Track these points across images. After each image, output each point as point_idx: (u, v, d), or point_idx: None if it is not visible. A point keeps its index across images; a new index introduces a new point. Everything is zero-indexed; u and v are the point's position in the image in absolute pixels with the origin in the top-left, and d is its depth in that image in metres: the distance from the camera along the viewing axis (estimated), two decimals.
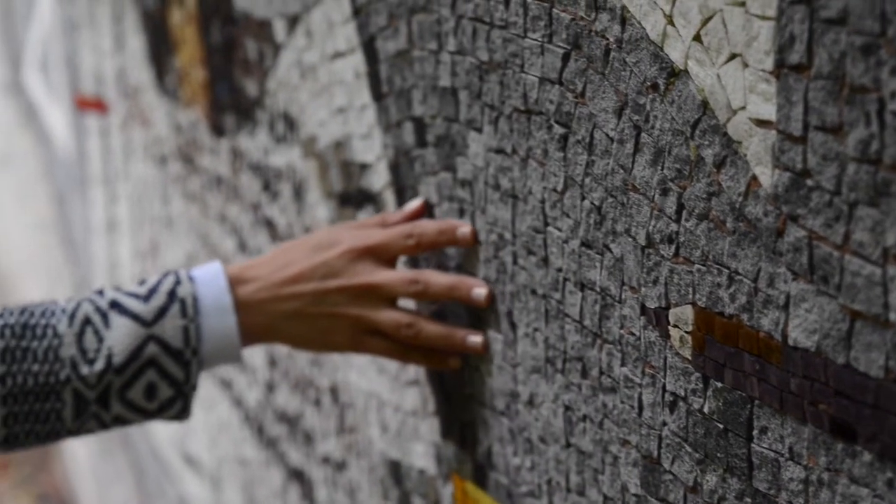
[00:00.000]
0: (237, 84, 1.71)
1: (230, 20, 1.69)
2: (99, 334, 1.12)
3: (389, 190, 1.29)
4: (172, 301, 1.14)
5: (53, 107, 3.09)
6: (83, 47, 2.61)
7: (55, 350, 1.12)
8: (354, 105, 1.34)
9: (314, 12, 1.42)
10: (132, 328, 1.12)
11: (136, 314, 1.13)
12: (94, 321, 1.13)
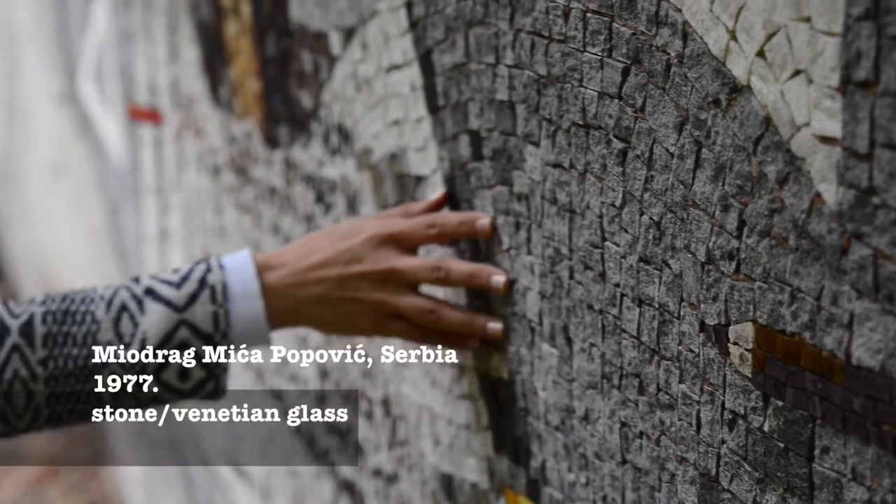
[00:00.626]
0: (292, 96, 1.71)
1: (286, 32, 1.70)
2: (134, 319, 1.19)
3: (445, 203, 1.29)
4: (203, 288, 1.20)
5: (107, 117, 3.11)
6: (138, 58, 2.62)
7: (94, 335, 1.18)
8: (410, 118, 1.34)
9: (370, 25, 1.42)
10: (165, 313, 1.18)
11: (169, 300, 1.19)
12: (129, 307, 1.19)
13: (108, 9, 2.88)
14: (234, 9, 1.92)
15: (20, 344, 1.17)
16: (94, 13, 3.07)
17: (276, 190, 1.84)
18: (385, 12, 1.37)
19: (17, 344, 1.17)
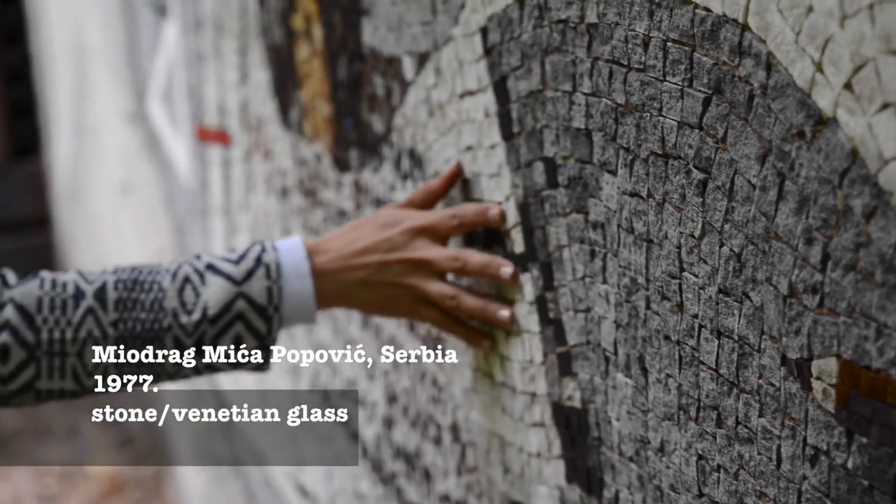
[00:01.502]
0: (363, 119, 1.72)
1: (358, 56, 1.70)
2: (196, 290, 1.30)
3: (517, 230, 1.28)
4: (259, 265, 1.32)
5: (176, 137, 3.14)
6: (208, 79, 2.64)
7: (160, 301, 1.30)
8: (483, 144, 1.34)
9: (444, 51, 1.42)
10: (225, 286, 1.30)
11: (228, 274, 1.31)
12: (192, 279, 1.31)
13: (179, 30, 2.90)
14: (305, 32, 1.93)
15: (94, 307, 1.29)
16: (165, 34, 3.09)
17: (345, 213, 1.84)
18: (459, 38, 1.37)
19: (92, 307, 1.29)
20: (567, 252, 1.18)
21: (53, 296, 1.29)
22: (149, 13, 3.31)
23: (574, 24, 1.12)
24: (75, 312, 1.28)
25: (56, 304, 1.28)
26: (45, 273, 1.31)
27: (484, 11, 1.30)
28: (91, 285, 1.30)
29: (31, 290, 1.29)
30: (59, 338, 1.28)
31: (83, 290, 1.29)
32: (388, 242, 1.34)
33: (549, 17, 1.17)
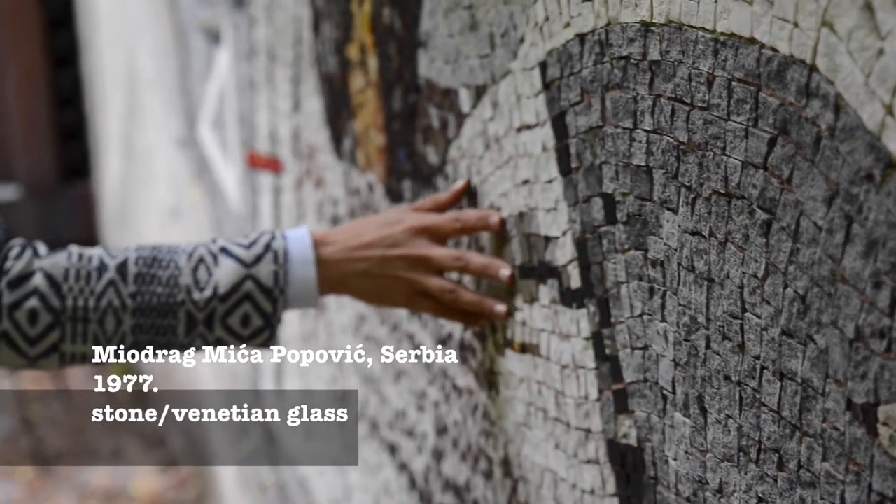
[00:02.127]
0: (418, 151, 1.72)
1: (413, 88, 1.71)
2: (209, 270, 1.42)
3: (574, 265, 1.28)
4: (268, 251, 1.43)
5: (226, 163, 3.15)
6: (260, 107, 2.66)
7: (175, 278, 1.41)
8: (540, 178, 1.34)
9: (502, 84, 1.42)
10: (235, 267, 1.42)
11: (239, 257, 1.43)
12: (206, 260, 1.42)
13: (232, 58, 2.92)
14: (360, 63, 1.93)
15: (115, 279, 1.41)
16: (218, 61, 3.11)
17: None
18: (518, 72, 1.37)
19: (113, 279, 1.41)
20: (625, 289, 1.18)
21: (79, 267, 1.41)
22: (201, 40, 3.33)
23: (636, 61, 1.12)
24: (98, 283, 1.41)
25: (81, 275, 1.40)
26: (73, 247, 1.43)
27: (543, 46, 1.30)
28: (114, 260, 1.42)
29: (59, 261, 1.41)
30: (83, 305, 1.40)
31: (106, 263, 1.42)
32: (390, 238, 1.46)
33: (611, 54, 1.16)
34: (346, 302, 2.16)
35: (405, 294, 1.47)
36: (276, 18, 2.46)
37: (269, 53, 2.56)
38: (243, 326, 1.43)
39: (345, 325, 2.18)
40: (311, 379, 2.48)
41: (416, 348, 1.80)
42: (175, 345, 1.44)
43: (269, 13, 2.51)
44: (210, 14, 3.13)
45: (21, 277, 1.39)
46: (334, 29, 2.06)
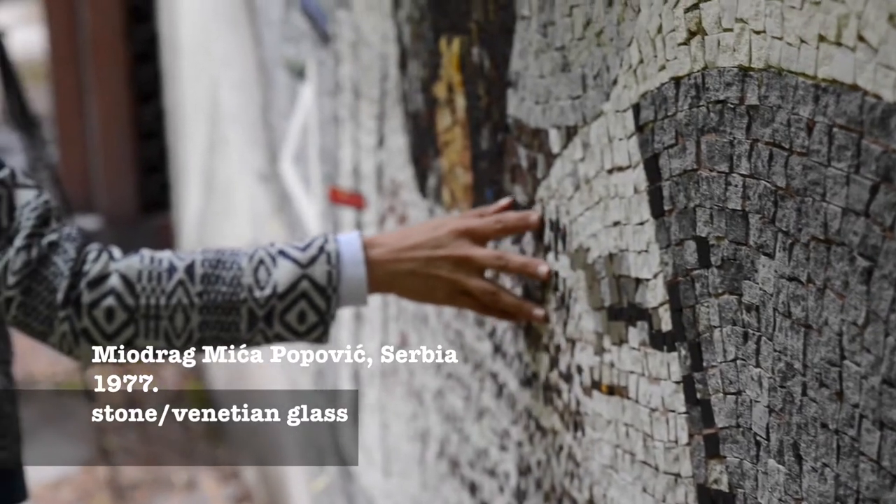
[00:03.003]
0: (505, 190, 1.72)
1: (502, 127, 1.71)
2: (269, 270, 1.54)
3: (665, 308, 1.27)
4: (322, 252, 1.55)
5: (308, 198, 3.17)
6: (344, 142, 2.67)
7: (238, 278, 1.54)
8: (632, 220, 1.34)
9: (593, 125, 1.42)
10: (292, 268, 1.54)
11: (296, 259, 1.55)
12: (265, 261, 1.55)
13: (316, 93, 2.95)
14: (448, 101, 1.95)
15: (184, 279, 1.53)
16: (302, 96, 3.14)
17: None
18: (610, 114, 1.37)
19: (182, 279, 1.53)
20: (718, 333, 1.17)
21: (151, 269, 1.53)
22: (285, 76, 3.36)
23: (733, 105, 1.12)
24: (168, 283, 1.53)
25: (153, 276, 1.52)
26: (145, 250, 1.56)
27: (637, 88, 1.30)
28: (182, 261, 1.54)
29: (133, 263, 1.53)
30: (155, 303, 1.52)
31: (176, 265, 1.54)
32: (434, 240, 1.57)
33: (707, 98, 1.16)
34: (429, 339, 2.17)
35: (448, 292, 1.59)
36: (361, 56, 2.48)
37: (354, 90, 2.58)
38: (300, 323, 1.55)
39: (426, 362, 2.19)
40: (388, 416, 2.48)
41: (500, 388, 1.80)
42: (238, 340, 1.55)
43: (354, 50, 2.53)
44: (295, 51, 3.16)
45: (99, 278, 1.51)
46: (421, 67, 2.08)
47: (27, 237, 1.51)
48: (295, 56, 3.18)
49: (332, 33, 2.71)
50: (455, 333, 2.00)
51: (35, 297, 1.51)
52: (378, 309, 2.53)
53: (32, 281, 1.51)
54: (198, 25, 5.05)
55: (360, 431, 2.73)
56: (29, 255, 1.51)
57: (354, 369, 2.78)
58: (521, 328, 1.69)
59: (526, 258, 1.57)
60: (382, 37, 2.30)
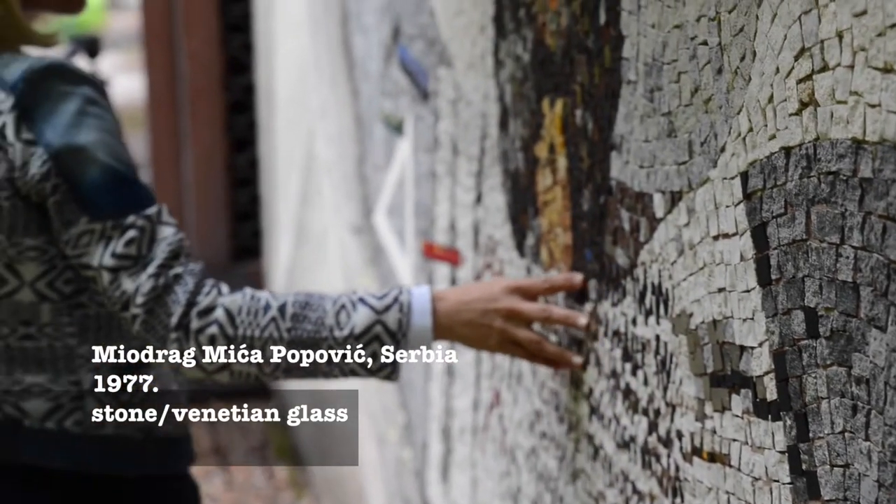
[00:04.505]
0: (606, 252, 1.73)
1: (604, 189, 1.72)
2: (349, 314, 1.76)
3: (770, 377, 1.27)
4: (395, 302, 1.78)
5: (402, 252, 3.20)
6: (441, 198, 2.70)
7: (322, 319, 1.75)
8: (737, 287, 1.34)
9: (699, 191, 1.42)
10: (369, 314, 1.76)
11: (372, 306, 1.77)
12: (346, 306, 1.77)
13: (413, 148, 2.97)
14: (549, 161, 1.96)
15: (276, 316, 1.75)
16: (399, 150, 3.17)
17: (580, 343, 1.85)
18: (717, 181, 1.38)
19: (275, 316, 1.75)
20: (825, 405, 1.17)
21: (250, 305, 1.75)
22: (382, 129, 3.40)
23: (846, 177, 1.12)
24: (263, 318, 1.74)
25: (251, 311, 1.74)
26: (248, 289, 1.77)
27: (745, 157, 1.31)
28: (277, 301, 1.76)
29: (236, 299, 1.75)
30: (250, 335, 1.74)
31: (271, 303, 1.75)
32: (490, 295, 1.80)
33: (818, 169, 1.16)
34: (522, 396, 2.17)
35: (499, 341, 1.81)
36: (461, 113, 2.50)
37: (453, 147, 2.60)
38: (373, 361, 1.76)
39: (520, 420, 2.19)
40: (479, 473, 2.49)
41: (595, 450, 1.79)
42: (318, 373, 1.77)
43: (454, 108, 2.56)
44: (393, 105, 3.20)
45: (207, 309, 1.74)
46: (523, 127, 2.09)
47: (158, 267, 1.74)
48: (393, 111, 3.22)
49: (432, 90, 2.73)
50: (550, 393, 2.01)
51: (155, 318, 1.74)
52: (471, 365, 2.54)
53: (155, 304, 1.74)
54: (295, 77, 5.12)
55: (450, 488, 2.73)
56: (156, 282, 1.74)
57: (444, 424, 2.79)
58: (619, 391, 1.70)
59: (568, 311, 1.83)
60: (483, 95, 2.33)
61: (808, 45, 1.17)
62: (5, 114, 1.73)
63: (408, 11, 2.96)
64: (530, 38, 2.03)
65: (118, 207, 1.74)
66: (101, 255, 1.74)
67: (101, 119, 1.76)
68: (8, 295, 1.81)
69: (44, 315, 1.82)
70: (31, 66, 1.74)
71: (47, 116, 1.73)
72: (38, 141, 1.72)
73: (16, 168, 1.73)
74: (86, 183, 1.73)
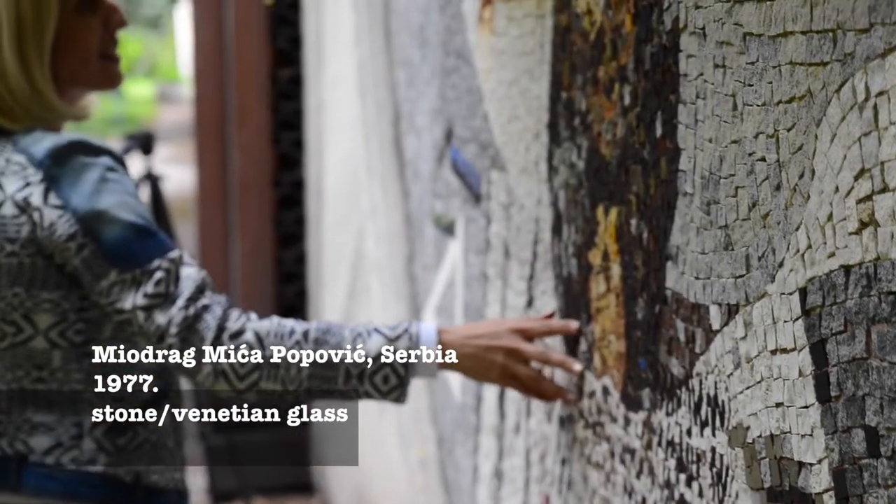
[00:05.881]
0: (660, 361, 1.73)
1: (659, 299, 1.73)
2: (364, 341, 1.98)
3: (830, 494, 1.27)
4: (405, 333, 2.00)
5: None
6: (491, 301, 2.71)
7: (339, 344, 1.98)
8: (795, 403, 1.34)
9: (756, 305, 1.43)
10: (381, 341, 1.99)
11: (385, 335, 2.00)
12: (362, 335, 1.99)
13: (464, 250, 2.99)
14: (603, 269, 1.97)
15: (301, 341, 1.97)
16: (449, 251, 3.19)
17: (633, 451, 1.85)
18: (775, 295, 1.38)
19: (299, 340, 1.97)
20: None
21: (277, 329, 1.97)
22: (432, 230, 3.42)
23: None
24: (289, 341, 1.96)
25: (278, 335, 1.96)
26: (275, 316, 2.00)
27: (804, 273, 1.32)
28: (301, 327, 1.98)
29: (265, 324, 1.97)
30: (277, 356, 1.95)
31: (295, 329, 1.97)
32: (493, 334, 2.04)
33: (879, 288, 1.17)
34: (573, 502, 2.16)
35: (500, 374, 2.05)
36: (514, 217, 2.52)
37: (505, 250, 2.62)
38: (384, 384, 1.97)
39: None
40: None
41: None
42: (335, 392, 1.98)
43: (507, 211, 2.58)
44: (444, 207, 3.22)
45: (238, 332, 1.95)
46: (576, 233, 2.11)
47: (187, 300, 1.95)
48: (444, 212, 3.24)
49: (484, 193, 2.76)
50: (602, 500, 2.00)
51: (188, 344, 1.94)
52: (520, 469, 2.53)
53: (188, 333, 1.94)
54: (345, 175, 5.17)
55: None
56: (187, 313, 1.94)
57: None
58: (673, 501, 1.69)
59: (564, 357, 2.08)
60: (537, 200, 2.35)
61: (867, 166, 1.19)
62: (33, 185, 1.95)
63: (461, 114, 2.99)
64: (585, 146, 2.05)
65: (144, 257, 1.96)
66: (133, 298, 1.95)
67: (120, 183, 1.98)
68: (24, 342, 2.01)
69: (55, 361, 2.01)
70: (55, 143, 1.97)
71: (73, 185, 1.95)
72: (66, 206, 1.94)
73: (42, 229, 1.95)
74: (112, 240, 1.95)
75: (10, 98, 1.99)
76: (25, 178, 1.96)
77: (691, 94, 1.61)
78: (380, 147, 4.26)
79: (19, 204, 1.95)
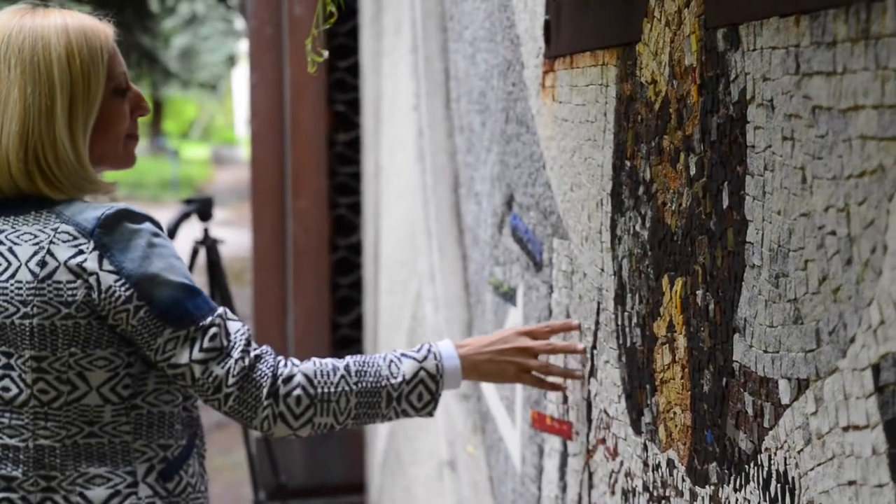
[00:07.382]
0: (728, 435, 1.71)
1: (726, 371, 1.71)
2: (398, 366, 2.24)
3: None
4: (430, 353, 2.28)
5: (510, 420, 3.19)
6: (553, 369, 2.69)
7: (378, 371, 2.22)
8: (869, 481, 1.32)
9: (827, 380, 1.41)
10: (413, 363, 2.26)
11: (414, 358, 2.27)
12: (395, 361, 2.25)
13: (525, 317, 2.98)
14: (669, 340, 1.95)
15: (344, 374, 2.20)
16: (510, 319, 3.17)
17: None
18: (847, 371, 1.37)
19: (343, 374, 2.19)
20: None
21: (322, 368, 2.18)
22: (492, 296, 3.41)
23: None
24: (334, 377, 2.18)
25: (324, 373, 2.18)
26: (315, 358, 2.22)
27: (877, 349, 1.30)
28: (342, 363, 2.21)
29: (309, 365, 2.18)
30: (327, 391, 2.17)
31: (337, 365, 2.20)
32: (503, 339, 2.37)
33: None
34: None
35: (515, 372, 2.36)
36: (576, 285, 2.51)
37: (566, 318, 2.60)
38: (419, 401, 2.25)
39: None
40: None
41: None
42: (379, 415, 2.23)
43: (569, 279, 2.57)
44: (504, 273, 3.22)
45: (289, 377, 2.16)
46: (640, 303, 2.10)
47: (241, 352, 2.14)
48: (504, 279, 3.24)
49: (546, 260, 2.75)
50: None
51: (246, 392, 2.13)
52: None
53: (245, 381, 2.13)
54: (402, 240, 5.18)
55: None
56: (243, 363, 2.13)
57: None
58: None
59: (567, 343, 2.43)
60: (600, 269, 2.34)
61: None
62: (87, 253, 2.09)
63: (521, 182, 2.99)
64: (650, 215, 2.05)
65: (196, 314, 2.14)
66: (189, 353, 2.12)
67: (165, 247, 2.14)
68: (77, 399, 2.13)
69: (106, 416, 2.15)
70: (104, 213, 2.11)
71: (123, 251, 2.09)
72: (120, 271, 2.08)
73: (99, 293, 2.08)
74: (165, 301, 2.10)
75: (57, 169, 2.13)
76: (77, 247, 2.09)
77: (759, 166, 1.60)
78: (438, 212, 4.27)
79: (74, 270, 2.08)
